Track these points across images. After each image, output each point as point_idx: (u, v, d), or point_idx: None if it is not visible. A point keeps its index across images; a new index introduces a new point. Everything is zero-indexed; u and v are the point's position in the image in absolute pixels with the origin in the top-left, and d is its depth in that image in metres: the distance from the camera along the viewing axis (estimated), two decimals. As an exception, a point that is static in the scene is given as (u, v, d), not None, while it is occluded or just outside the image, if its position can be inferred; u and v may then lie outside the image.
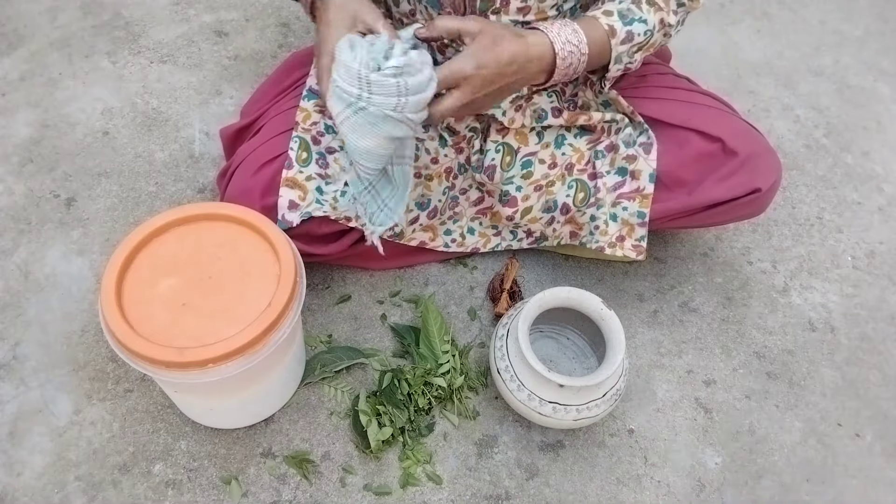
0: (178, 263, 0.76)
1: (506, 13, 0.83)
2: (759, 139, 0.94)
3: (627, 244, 0.96)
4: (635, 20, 0.83)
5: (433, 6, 0.85)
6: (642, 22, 0.83)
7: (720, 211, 0.93)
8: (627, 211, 0.95)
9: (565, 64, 0.80)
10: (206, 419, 0.92)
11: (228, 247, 0.77)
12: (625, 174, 0.95)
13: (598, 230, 0.96)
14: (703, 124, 0.93)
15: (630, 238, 0.96)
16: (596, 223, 0.96)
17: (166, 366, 0.69)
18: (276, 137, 0.92)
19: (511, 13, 0.84)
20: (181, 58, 1.37)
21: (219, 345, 0.69)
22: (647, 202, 0.94)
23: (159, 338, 0.70)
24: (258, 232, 0.78)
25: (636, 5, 0.84)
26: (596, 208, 0.96)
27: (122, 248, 0.75)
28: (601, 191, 0.95)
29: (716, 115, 0.95)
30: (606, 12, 0.83)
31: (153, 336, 0.70)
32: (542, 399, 0.86)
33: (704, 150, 0.92)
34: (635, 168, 0.94)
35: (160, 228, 0.77)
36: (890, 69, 1.50)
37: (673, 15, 0.86)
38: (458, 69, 0.75)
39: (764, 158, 0.92)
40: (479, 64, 0.75)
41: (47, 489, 0.87)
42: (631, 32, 0.83)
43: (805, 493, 0.93)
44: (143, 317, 0.72)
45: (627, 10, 0.83)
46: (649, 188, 0.94)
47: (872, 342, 1.08)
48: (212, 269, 0.76)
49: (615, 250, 0.96)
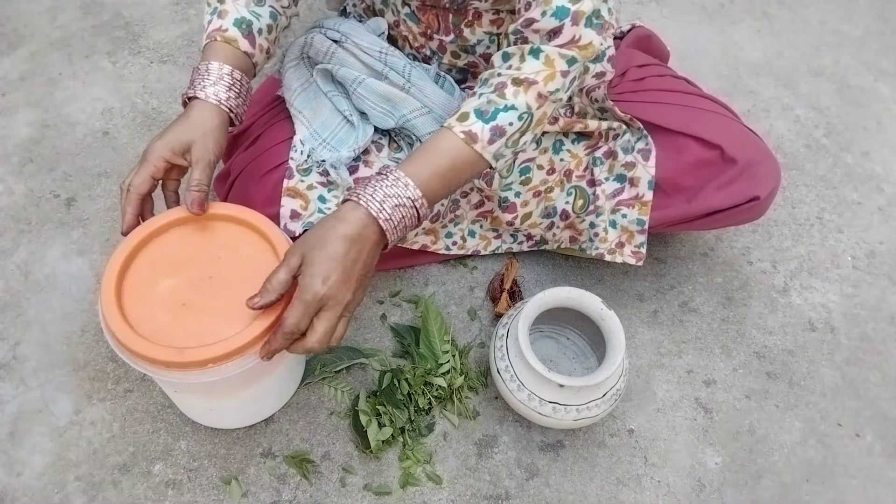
0: (178, 263, 0.76)
1: (479, 26, 0.84)
2: (759, 145, 0.94)
3: (627, 251, 0.97)
4: (499, 111, 0.71)
5: (412, 20, 0.87)
6: (510, 109, 0.71)
7: (718, 218, 0.94)
8: (627, 218, 0.95)
9: (396, 220, 0.70)
10: (206, 419, 0.92)
11: (229, 247, 0.77)
12: (623, 181, 0.95)
13: (598, 237, 0.96)
14: (702, 130, 0.93)
15: (629, 245, 0.96)
16: (595, 230, 0.96)
17: (166, 366, 0.69)
18: (275, 147, 0.92)
19: (484, 26, 0.84)
20: (181, 58, 1.37)
21: (219, 345, 0.69)
22: (646, 209, 0.94)
23: (159, 337, 0.70)
24: (258, 232, 0.78)
25: (498, 94, 0.72)
26: (595, 215, 0.96)
27: (122, 248, 0.75)
28: (600, 198, 0.95)
29: (715, 119, 0.95)
30: (462, 116, 0.72)
31: (153, 336, 0.70)
32: (542, 399, 0.86)
33: (703, 156, 0.92)
34: (634, 175, 0.94)
35: (160, 228, 0.77)
36: (890, 69, 1.50)
37: (559, 81, 0.72)
38: (310, 296, 0.66)
39: (763, 165, 0.92)
40: (324, 276, 0.66)
41: (47, 489, 0.87)
42: (497, 127, 0.71)
43: (805, 493, 0.93)
44: (143, 317, 0.71)
45: (487, 104, 0.72)
46: (648, 195, 0.93)
47: (872, 342, 1.08)
48: (212, 269, 0.76)
49: (615, 257, 0.97)
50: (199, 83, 0.77)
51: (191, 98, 0.78)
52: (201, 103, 0.77)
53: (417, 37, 0.93)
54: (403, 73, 0.90)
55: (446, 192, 0.73)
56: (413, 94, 0.90)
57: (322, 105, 0.93)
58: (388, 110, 0.91)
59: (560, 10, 0.70)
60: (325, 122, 0.92)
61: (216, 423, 0.93)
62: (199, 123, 0.76)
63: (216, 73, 0.77)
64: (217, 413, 0.90)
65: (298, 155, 0.90)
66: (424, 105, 0.89)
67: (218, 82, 0.77)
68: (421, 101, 0.89)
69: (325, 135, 0.91)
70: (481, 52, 0.89)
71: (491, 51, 0.89)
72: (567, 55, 0.72)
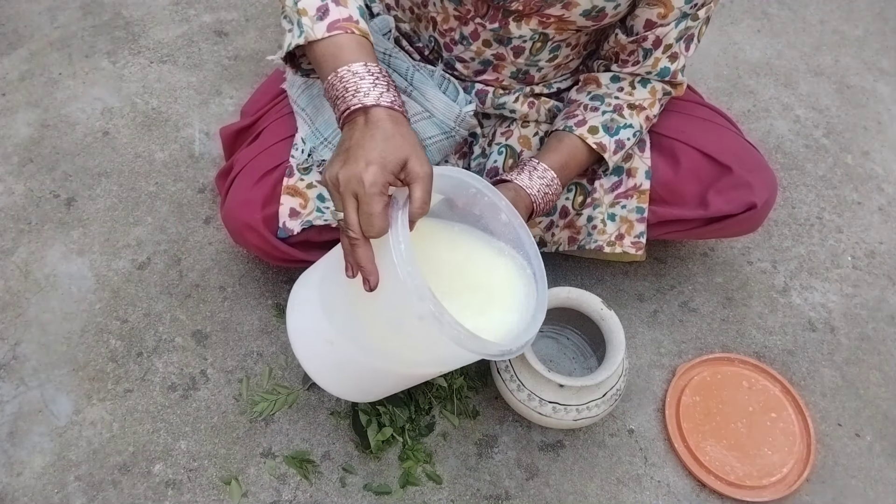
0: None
1: (527, 23, 0.84)
2: (756, 157, 0.96)
3: (627, 241, 0.96)
4: (621, 128, 0.89)
5: (455, 0, 0.84)
6: (628, 127, 0.89)
7: (714, 228, 0.95)
8: (626, 208, 0.95)
9: (544, 203, 0.87)
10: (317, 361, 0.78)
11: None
12: (621, 173, 0.95)
13: (596, 230, 0.96)
14: (699, 139, 0.94)
15: (629, 236, 0.96)
16: (593, 223, 0.96)
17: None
18: (276, 144, 0.92)
19: (532, 24, 0.84)
20: (181, 58, 1.37)
21: None
22: (644, 197, 0.94)
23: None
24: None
25: (618, 113, 0.89)
26: (592, 208, 0.96)
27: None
28: (598, 191, 0.96)
29: (712, 129, 0.97)
30: (592, 129, 0.88)
31: None
32: (542, 399, 0.86)
33: (700, 164, 0.94)
34: (631, 166, 0.95)
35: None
36: (890, 69, 1.50)
37: (658, 106, 0.91)
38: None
39: (759, 175, 0.93)
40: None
41: (47, 489, 0.87)
42: (620, 141, 0.89)
43: (805, 493, 0.93)
44: None
45: (611, 121, 0.88)
46: (646, 184, 0.94)
47: (872, 342, 1.08)
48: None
49: (614, 248, 0.96)
50: (370, 89, 0.65)
51: (364, 107, 0.65)
52: (385, 112, 0.65)
53: (450, 18, 0.88)
54: (406, 76, 0.90)
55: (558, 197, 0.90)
56: (414, 98, 0.90)
57: (325, 103, 0.93)
58: None
59: (663, 71, 0.88)
60: (327, 120, 0.92)
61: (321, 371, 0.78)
62: (400, 136, 0.64)
63: (376, 75, 0.67)
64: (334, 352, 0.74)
65: (299, 154, 0.90)
66: (425, 109, 0.89)
67: (390, 86, 0.67)
68: (422, 104, 0.89)
69: (326, 133, 0.91)
70: (516, 44, 0.88)
71: (526, 46, 0.88)
72: (667, 89, 0.91)
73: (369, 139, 0.63)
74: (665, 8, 0.82)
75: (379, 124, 0.64)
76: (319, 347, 0.75)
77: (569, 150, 0.89)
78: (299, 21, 0.70)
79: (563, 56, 0.91)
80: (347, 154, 0.62)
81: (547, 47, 0.88)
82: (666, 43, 0.85)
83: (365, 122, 0.64)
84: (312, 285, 0.76)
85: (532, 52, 0.88)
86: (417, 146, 0.64)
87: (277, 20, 1.45)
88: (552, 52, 0.89)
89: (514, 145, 0.96)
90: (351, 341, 0.72)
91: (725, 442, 0.95)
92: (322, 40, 0.69)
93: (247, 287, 1.06)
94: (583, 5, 0.80)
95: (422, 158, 0.63)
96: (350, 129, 0.65)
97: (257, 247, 0.89)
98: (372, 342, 0.71)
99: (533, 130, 0.97)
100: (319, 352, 0.75)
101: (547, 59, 0.91)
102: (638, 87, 0.90)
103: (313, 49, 0.70)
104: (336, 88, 0.67)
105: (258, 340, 1.01)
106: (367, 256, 0.62)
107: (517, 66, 0.91)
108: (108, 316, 1.02)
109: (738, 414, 0.97)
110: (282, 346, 1.01)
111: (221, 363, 0.99)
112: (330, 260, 0.75)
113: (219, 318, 1.03)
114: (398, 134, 0.64)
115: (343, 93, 0.66)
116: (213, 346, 1.00)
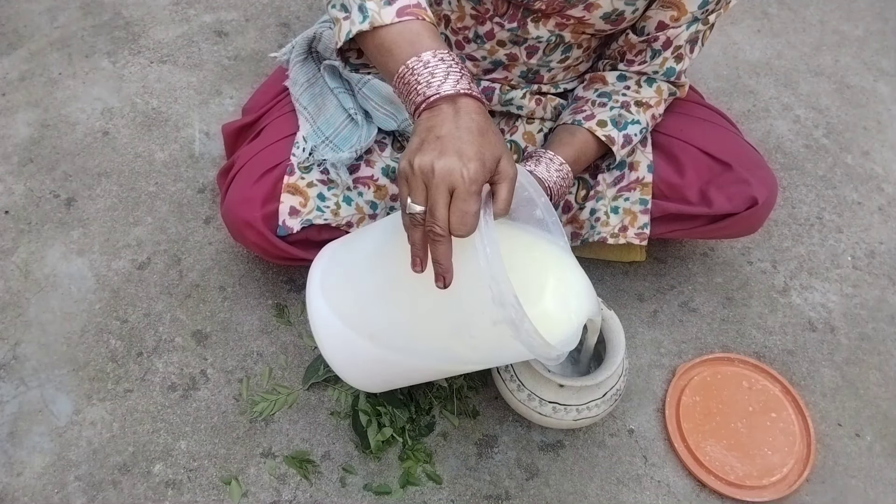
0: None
1: (545, 24, 0.84)
2: (755, 157, 0.96)
3: (631, 232, 0.95)
4: (628, 123, 0.90)
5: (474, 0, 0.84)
6: (635, 123, 0.90)
7: (717, 228, 0.95)
8: (629, 200, 0.95)
9: (559, 196, 0.88)
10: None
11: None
12: (623, 167, 0.95)
13: (599, 222, 0.96)
14: (697, 139, 0.95)
15: (633, 227, 0.96)
16: (596, 215, 0.96)
17: None
18: (277, 142, 0.92)
19: (549, 25, 0.84)
20: (181, 58, 1.37)
21: None
22: (647, 189, 0.94)
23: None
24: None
25: (626, 109, 0.90)
26: (595, 201, 0.96)
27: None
28: (601, 184, 0.96)
29: (711, 130, 0.97)
30: (600, 122, 0.89)
31: None
32: (542, 399, 0.86)
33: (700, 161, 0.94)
34: (633, 160, 0.95)
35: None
36: (890, 69, 1.50)
37: (663, 106, 0.93)
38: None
39: (757, 174, 0.94)
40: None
41: (47, 489, 0.87)
42: (627, 135, 0.90)
43: (805, 493, 0.93)
44: None
45: (619, 116, 0.90)
46: (648, 177, 0.94)
47: (872, 342, 1.08)
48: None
49: (617, 239, 0.95)
50: (459, 78, 0.62)
51: (453, 95, 0.61)
52: (475, 104, 0.61)
53: (466, 17, 0.88)
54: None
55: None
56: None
57: (327, 101, 0.93)
58: (392, 112, 0.91)
59: (669, 71, 0.91)
60: (329, 119, 0.92)
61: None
62: (492, 132, 0.61)
63: (460, 64, 0.63)
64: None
65: (300, 152, 0.90)
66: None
67: (471, 77, 0.64)
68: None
69: (328, 132, 0.91)
70: (530, 45, 0.88)
71: (540, 46, 0.88)
72: (672, 89, 0.94)
73: (466, 132, 0.59)
74: (679, 11, 0.83)
75: (472, 116, 0.60)
76: (352, 343, 0.70)
77: (580, 144, 0.89)
78: (361, 6, 0.66)
79: (574, 58, 0.92)
80: (441, 144, 0.57)
81: (560, 48, 0.89)
82: (676, 44, 0.87)
83: (455, 113, 0.60)
84: (347, 277, 0.71)
85: (545, 53, 0.89)
86: (506, 144, 0.62)
87: (277, 20, 1.45)
88: (564, 52, 0.90)
89: (519, 141, 0.96)
90: (397, 338, 0.68)
91: (725, 442, 0.95)
92: (391, 25, 0.64)
93: (247, 287, 1.06)
94: (604, 7, 0.81)
95: (511, 157, 0.61)
96: (435, 117, 0.60)
97: (256, 244, 0.89)
98: (425, 342, 0.68)
99: (538, 127, 0.97)
100: (351, 347, 0.71)
101: (558, 60, 0.91)
102: (644, 86, 0.92)
103: (379, 35, 0.65)
104: (419, 73, 0.62)
105: (258, 340, 1.01)
106: (448, 254, 0.58)
107: (528, 66, 0.91)
108: (108, 316, 1.02)
109: (738, 414, 0.97)
110: (282, 346, 1.01)
111: (221, 363, 0.99)
112: (378, 254, 0.69)
113: (219, 318, 1.03)
114: (490, 130, 0.60)
115: (429, 78, 0.61)
116: (213, 346, 1.00)
